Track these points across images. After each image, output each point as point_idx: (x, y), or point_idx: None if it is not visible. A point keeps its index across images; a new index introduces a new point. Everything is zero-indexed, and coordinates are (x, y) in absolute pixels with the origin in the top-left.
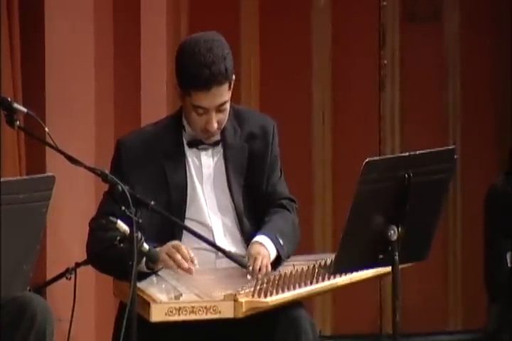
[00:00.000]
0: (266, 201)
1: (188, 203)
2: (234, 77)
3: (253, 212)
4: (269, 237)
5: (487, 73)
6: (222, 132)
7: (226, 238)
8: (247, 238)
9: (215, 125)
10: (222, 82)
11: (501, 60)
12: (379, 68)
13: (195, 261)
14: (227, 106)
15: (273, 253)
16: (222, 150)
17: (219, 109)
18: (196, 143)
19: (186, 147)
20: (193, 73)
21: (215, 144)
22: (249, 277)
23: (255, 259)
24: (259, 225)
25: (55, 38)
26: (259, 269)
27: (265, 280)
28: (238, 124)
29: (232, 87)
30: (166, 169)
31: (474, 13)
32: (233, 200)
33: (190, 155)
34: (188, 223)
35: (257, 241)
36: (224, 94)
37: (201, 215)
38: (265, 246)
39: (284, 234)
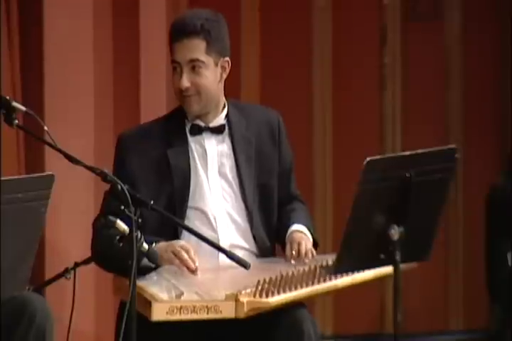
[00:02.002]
0: (280, 200)
1: (191, 191)
2: (227, 58)
3: (262, 207)
4: (305, 225)
5: (488, 72)
6: (228, 119)
7: (231, 229)
8: (256, 232)
9: (185, 83)
10: (193, 36)
11: (503, 59)
12: (380, 67)
13: (198, 273)
14: (205, 71)
15: (311, 240)
16: (228, 138)
17: (192, 67)
18: (199, 130)
19: (189, 135)
20: (172, 26)
21: (219, 131)
22: (293, 262)
23: (299, 244)
24: (267, 221)
25: (54, 36)
26: (305, 254)
27: (267, 280)
28: (243, 117)
29: (224, 67)
30: (169, 156)
31: (475, 12)
32: (244, 192)
33: (194, 142)
34: (191, 212)
35: (296, 230)
36: (196, 50)
37: (204, 203)
38: (305, 233)
39: (310, 225)
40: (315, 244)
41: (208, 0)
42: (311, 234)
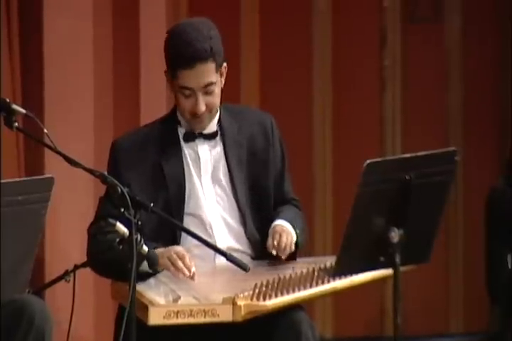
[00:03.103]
0: (274, 201)
1: (186, 197)
2: (224, 64)
3: (256, 208)
4: (288, 221)
5: (488, 75)
6: (220, 124)
7: (225, 233)
8: (250, 234)
9: (203, 107)
10: (206, 60)
11: (503, 62)
12: (380, 70)
13: (195, 277)
14: (216, 89)
15: (294, 237)
16: (220, 143)
17: (206, 90)
18: (192, 137)
19: (182, 142)
20: (178, 52)
21: (212, 137)
22: (274, 252)
23: (280, 236)
24: (262, 222)
25: (54, 37)
26: (284, 248)
27: (264, 284)
28: (235, 121)
29: (223, 73)
30: (162, 164)
31: (475, 15)
32: (236, 195)
33: (187, 148)
34: (187, 218)
35: (279, 224)
36: (209, 73)
37: (199, 209)
38: (287, 227)
39: (297, 225)
40: (296, 245)
41: (207, 3)
42: (296, 233)
